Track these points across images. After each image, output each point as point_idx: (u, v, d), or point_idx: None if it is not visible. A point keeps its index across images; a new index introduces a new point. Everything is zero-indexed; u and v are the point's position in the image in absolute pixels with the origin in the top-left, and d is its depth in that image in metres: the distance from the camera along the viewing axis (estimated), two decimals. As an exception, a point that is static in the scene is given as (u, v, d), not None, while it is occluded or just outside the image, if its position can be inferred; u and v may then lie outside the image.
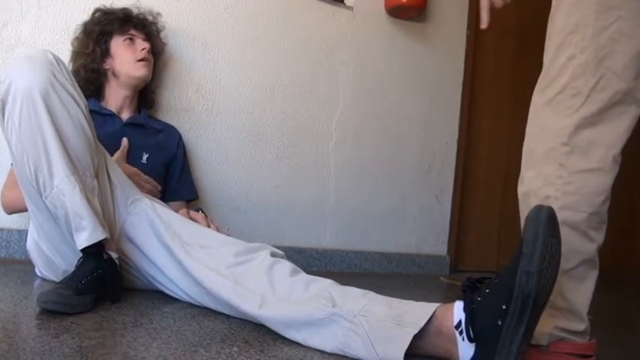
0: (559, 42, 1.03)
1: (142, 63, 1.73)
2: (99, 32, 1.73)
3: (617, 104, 0.99)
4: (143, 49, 1.73)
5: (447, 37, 2.62)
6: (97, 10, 1.76)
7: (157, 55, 1.87)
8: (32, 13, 1.81)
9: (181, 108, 2.05)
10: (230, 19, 2.13)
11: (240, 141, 2.15)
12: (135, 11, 1.79)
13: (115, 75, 1.74)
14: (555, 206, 0.95)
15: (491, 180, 2.84)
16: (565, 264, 0.97)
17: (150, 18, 1.83)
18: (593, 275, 1.02)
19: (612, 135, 1.00)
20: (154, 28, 1.84)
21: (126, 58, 1.72)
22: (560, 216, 0.94)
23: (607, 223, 1.02)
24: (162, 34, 1.91)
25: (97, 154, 1.29)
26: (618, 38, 0.98)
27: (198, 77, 2.08)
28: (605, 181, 1.00)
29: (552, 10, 1.08)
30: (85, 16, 1.78)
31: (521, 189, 1.09)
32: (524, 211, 1.08)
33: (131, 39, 1.74)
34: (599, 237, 1.02)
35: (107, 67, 1.74)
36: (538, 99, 1.08)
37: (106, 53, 1.74)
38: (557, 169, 1.01)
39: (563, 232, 0.94)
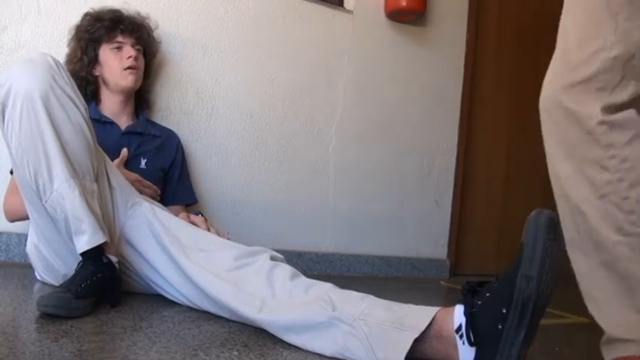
0: (589, 33, 0.95)
1: (128, 71, 1.71)
2: (87, 40, 1.72)
3: (633, 104, 0.94)
4: (129, 57, 1.71)
5: (447, 40, 2.63)
6: (87, 14, 1.75)
7: (149, 55, 1.84)
8: (32, 17, 1.82)
9: (181, 112, 2.05)
10: (230, 23, 2.14)
11: (239, 144, 2.15)
12: (124, 13, 1.76)
13: (105, 82, 1.74)
14: (623, 187, 0.89)
15: (491, 183, 2.84)
16: None
17: (138, 19, 1.79)
18: None
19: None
20: (144, 29, 1.80)
21: (113, 67, 1.71)
22: (633, 194, 0.89)
23: None
24: (157, 34, 1.90)
25: (97, 158, 1.29)
26: None
27: (198, 81, 2.08)
28: None
29: None
30: (85, 19, 1.78)
31: (565, 185, 0.97)
32: (566, 212, 0.98)
33: (118, 47, 1.72)
34: None
35: (97, 74, 1.74)
36: (557, 82, 0.98)
37: (94, 61, 1.73)
38: (605, 150, 0.92)
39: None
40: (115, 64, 1.71)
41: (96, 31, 1.71)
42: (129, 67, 1.71)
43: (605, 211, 0.92)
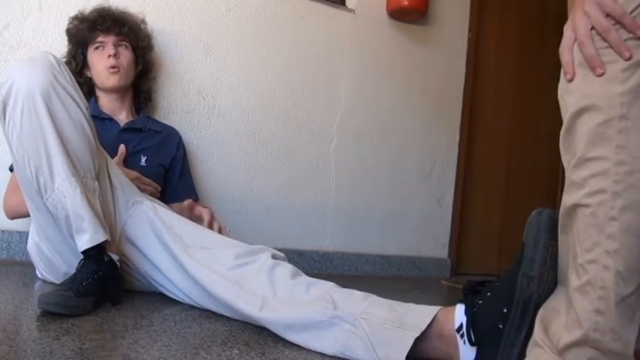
0: None
1: (110, 71, 1.69)
2: (75, 44, 1.72)
3: None
4: (109, 56, 1.69)
5: (449, 39, 2.63)
6: (74, 18, 1.74)
7: (140, 49, 1.80)
8: (34, 15, 1.82)
9: (183, 110, 2.05)
10: (231, 22, 2.13)
11: (241, 143, 2.15)
12: (106, 12, 1.72)
13: (95, 83, 1.74)
14: (614, 205, 0.74)
15: (493, 183, 2.84)
16: (624, 288, 0.75)
17: (117, 14, 1.74)
18: None
19: None
20: (126, 24, 1.74)
21: (97, 68, 1.71)
22: (623, 220, 0.74)
23: None
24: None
25: (98, 156, 1.29)
26: None
27: (200, 79, 2.08)
28: None
29: None
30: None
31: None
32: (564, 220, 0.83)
33: (100, 47, 1.70)
34: None
35: (89, 75, 1.74)
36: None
37: (83, 64, 1.73)
38: (614, 152, 0.74)
39: (626, 242, 0.74)
40: (99, 64, 1.70)
41: (79, 33, 1.71)
42: (110, 67, 1.69)
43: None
